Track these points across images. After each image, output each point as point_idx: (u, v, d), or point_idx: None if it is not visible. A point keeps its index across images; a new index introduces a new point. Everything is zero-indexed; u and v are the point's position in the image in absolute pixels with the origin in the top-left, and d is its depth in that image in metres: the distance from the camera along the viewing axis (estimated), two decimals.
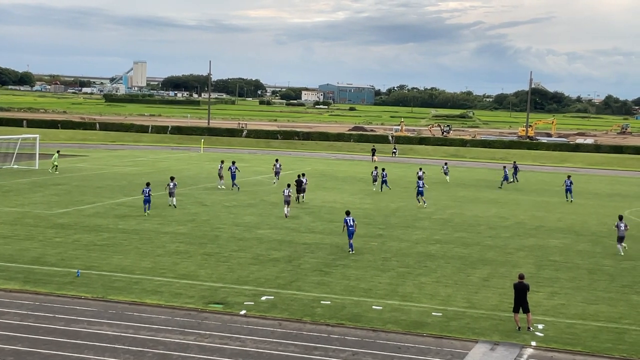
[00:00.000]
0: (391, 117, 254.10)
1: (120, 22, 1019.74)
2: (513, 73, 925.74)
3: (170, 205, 49.63)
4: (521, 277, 26.65)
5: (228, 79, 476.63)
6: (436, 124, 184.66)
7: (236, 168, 62.18)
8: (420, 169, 66.62)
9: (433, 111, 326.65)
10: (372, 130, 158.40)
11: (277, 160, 69.14)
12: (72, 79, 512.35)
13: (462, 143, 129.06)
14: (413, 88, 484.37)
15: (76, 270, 31.39)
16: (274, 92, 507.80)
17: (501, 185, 71.55)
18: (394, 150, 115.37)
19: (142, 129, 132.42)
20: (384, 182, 65.19)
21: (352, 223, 37.91)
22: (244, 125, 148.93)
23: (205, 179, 68.13)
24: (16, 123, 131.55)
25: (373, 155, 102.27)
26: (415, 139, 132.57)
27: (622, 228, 40.23)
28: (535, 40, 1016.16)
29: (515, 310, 26.18)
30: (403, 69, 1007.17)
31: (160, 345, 22.90)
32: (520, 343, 24.63)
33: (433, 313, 27.65)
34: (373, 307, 28.11)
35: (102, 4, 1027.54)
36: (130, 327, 24.45)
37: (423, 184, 57.36)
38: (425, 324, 26.32)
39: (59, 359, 21.41)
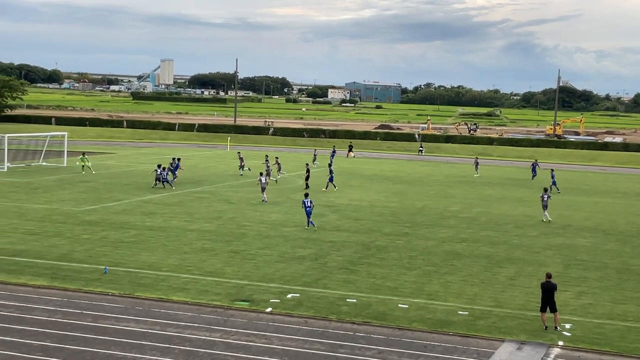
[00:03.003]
0: (418, 115, 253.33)
1: (147, 19, 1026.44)
2: (541, 71, 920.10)
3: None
4: (549, 276, 26.46)
5: (255, 77, 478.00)
6: (463, 122, 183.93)
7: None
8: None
9: (460, 109, 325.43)
10: (398, 129, 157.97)
11: (273, 158, 68.98)
12: (100, 76, 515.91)
13: (489, 141, 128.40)
14: (440, 86, 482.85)
15: (104, 267, 31.58)
16: (300, 90, 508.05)
17: (558, 189, 67.57)
18: (421, 149, 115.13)
19: (169, 127, 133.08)
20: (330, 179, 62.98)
21: (309, 204, 42.91)
22: (270, 123, 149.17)
23: (231, 177, 68.32)
24: (45, 121, 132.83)
25: (349, 151, 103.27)
26: (441, 137, 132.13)
27: None
28: (564, 37, 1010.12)
29: (543, 310, 25.99)
30: (430, 67, 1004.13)
31: (186, 342, 22.99)
32: (547, 342, 24.46)
33: (459, 312, 27.54)
34: (399, 305, 28.05)
35: (128, 1, 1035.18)
36: (157, 324, 24.57)
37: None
38: (452, 322, 26.21)
39: (87, 355, 21.56)
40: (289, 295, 28.67)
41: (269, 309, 26.84)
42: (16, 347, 21.75)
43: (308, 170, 63.06)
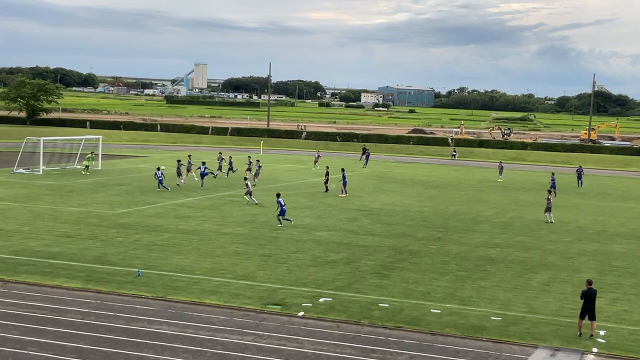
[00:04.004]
0: (451, 119, 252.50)
1: (181, 24, 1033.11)
2: (575, 75, 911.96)
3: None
4: (589, 283, 26.17)
5: (288, 80, 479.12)
6: (496, 127, 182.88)
7: (205, 167, 61.98)
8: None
9: (493, 114, 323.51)
10: (431, 133, 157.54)
11: (257, 160, 68.57)
12: (134, 80, 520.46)
13: (523, 146, 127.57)
14: (473, 90, 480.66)
15: (137, 270, 31.79)
16: (333, 94, 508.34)
17: (555, 194, 66.38)
18: (454, 153, 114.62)
19: (203, 131, 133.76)
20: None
21: (284, 203, 44.81)
22: (303, 127, 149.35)
23: (264, 181, 68.44)
24: (80, 124, 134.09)
25: (363, 154, 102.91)
26: (475, 142, 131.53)
27: None
28: (599, 42, 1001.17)
29: (582, 317, 25.65)
30: (463, 71, 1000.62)
31: (218, 345, 23.06)
32: (581, 349, 24.21)
33: (492, 317, 27.36)
34: (431, 310, 27.92)
35: (162, 6, 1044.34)
36: (190, 327, 24.68)
37: None
38: (484, 328, 26.04)
39: (120, 357, 21.70)
40: (321, 299, 28.65)
41: (301, 313, 26.85)
42: (50, 349, 21.95)
43: (327, 173, 62.91)
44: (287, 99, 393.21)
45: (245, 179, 55.53)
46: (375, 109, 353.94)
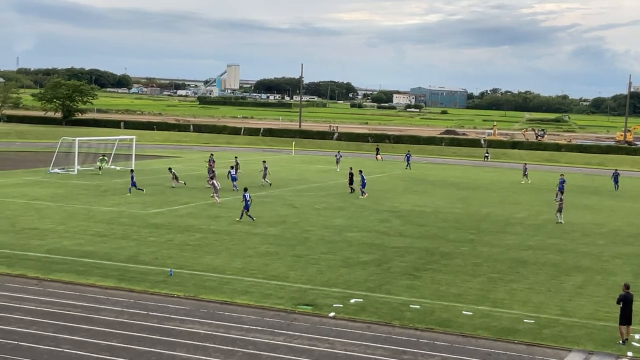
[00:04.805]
0: (484, 120, 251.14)
1: (215, 25, 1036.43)
2: (611, 76, 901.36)
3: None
4: (627, 287, 25.83)
5: (320, 81, 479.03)
6: (530, 128, 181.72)
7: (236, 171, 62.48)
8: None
9: (527, 115, 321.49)
10: (464, 134, 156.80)
11: (263, 161, 68.44)
12: (168, 81, 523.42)
13: (557, 147, 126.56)
14: (506, 91, 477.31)
15: (169, 270, 31.97)
16: (365, 95, 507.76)
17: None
18: (486, 155, 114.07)
19: (235, 131, 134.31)
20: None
21: (248, 198, 45.03)
22: (335, 128, 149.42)
23: (295, 181, 68.59)
24: (114, 124, 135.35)
25: (377, 154, 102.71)
26: (508, 143, 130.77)
27: None
28: (635, 42, 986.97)
29: (622, 323, 25.23)
30: (496, 72, 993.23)
31: (250, 344, 23.12)
32: (616, 353, 23.95)
33: (525, 320, 27.15)
34: (463, 312, 27.78)
35: (196, 7, 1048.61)
36: (221, 326, 24.77)
37: None
38: (517, 330, 25.86)
39: (152, 355, 21.84)
40: (352, 300, 28.63)
41: (332, 314, 26.84)
42: (84, 347, 22.15)
43: (351, 174, 62.62)
44: (319, 99, 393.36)
45: (212, 178, 55.55)
46: (408, 110, 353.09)
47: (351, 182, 61.87)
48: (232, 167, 62.86)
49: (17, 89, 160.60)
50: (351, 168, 65.29)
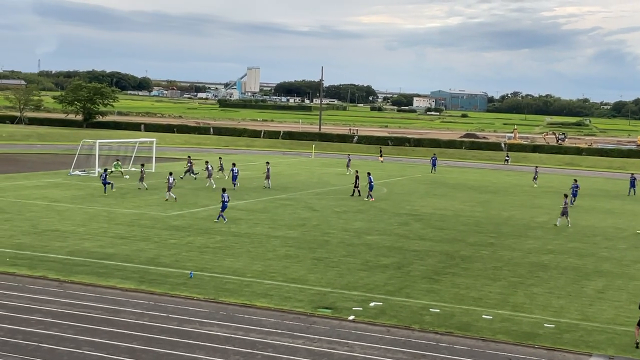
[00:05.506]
0: (504, 124, 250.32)
1: (235, 28, 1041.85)
2: (632, 80, 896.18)
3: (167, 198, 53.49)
4: None
5: (340, 84, 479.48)
6: (551, 132, 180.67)
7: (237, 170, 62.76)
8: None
9: (548, 118, 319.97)
10: (484, 138, 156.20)
11: (266, 162, 68.63)
12: (188, 84, 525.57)
13: (578, 151, 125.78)
14: (527, 95, 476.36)
15: (189, 272, 32.07)
16: (385, 99, 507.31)
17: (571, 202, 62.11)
18: (507, 158, 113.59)
19: (255, 134, 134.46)
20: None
21: (227, 199, 45.75)
22: (354, 131, 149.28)
23: (315, 184, 68.61)
24: (134, 127, 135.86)
25: (380, 155, 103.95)
26: (528, 147, 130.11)
27: None
28: None
29: None
30: (517, 76, 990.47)
31: (269, 347, 23.15)
32: (637, 358, 23.79)
33: (545, 324, 27.03)
34: (483, 316, 27.70)
35: (217, 10, 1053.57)
36: (241, 329, 24.81)
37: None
38: (537, 335, 25.75)
39: (172, 357, 21.91)
40: (372, 304, 28.60)
41: (351, 317, 26.83)
42: (104, 348, 22.26)
43: (357, 177, 62.35)
44: (339, 102, 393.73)
45: (170, 173, 55.24)
46: (428, 113, 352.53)
47: (356, 184, 61.75)
48: (233, 165, 63.33)
49: (38, 91, 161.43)
50: (357, 171, 66.03)
